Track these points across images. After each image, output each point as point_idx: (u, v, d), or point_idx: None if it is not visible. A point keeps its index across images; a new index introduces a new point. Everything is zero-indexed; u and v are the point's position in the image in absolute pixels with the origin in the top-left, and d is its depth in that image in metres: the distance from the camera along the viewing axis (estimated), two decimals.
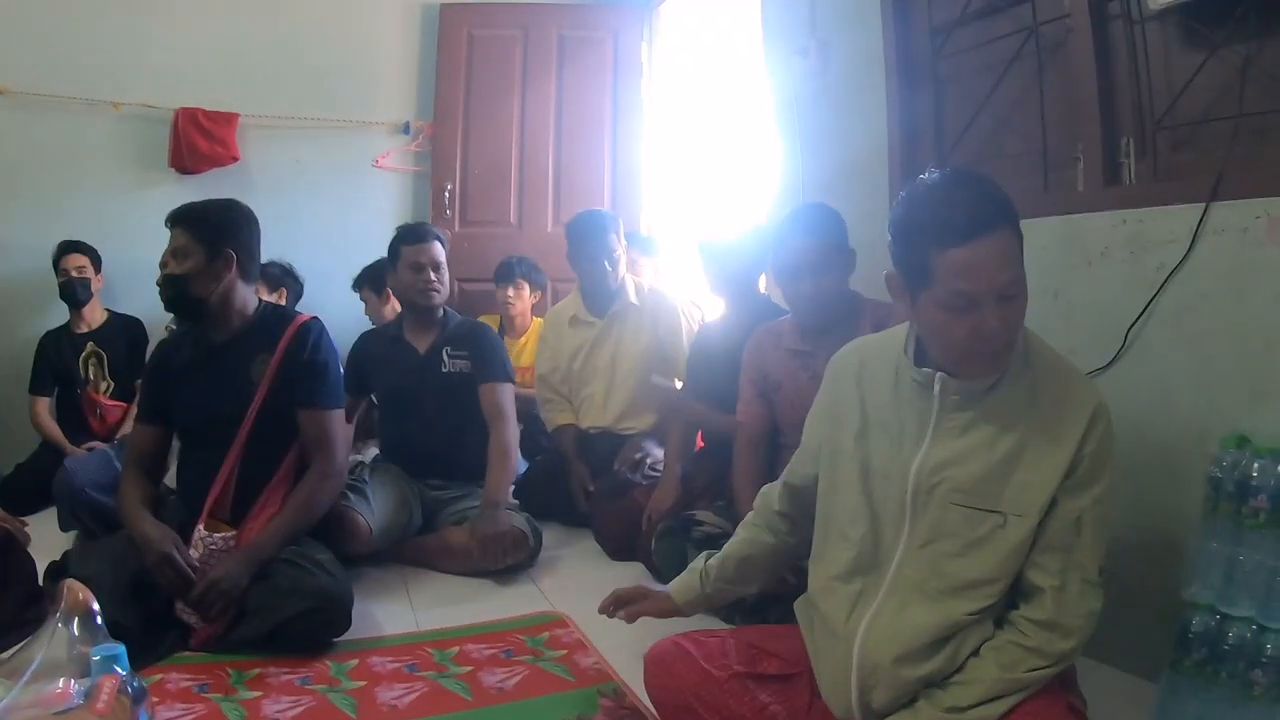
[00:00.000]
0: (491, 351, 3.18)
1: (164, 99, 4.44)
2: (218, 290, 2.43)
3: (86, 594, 1.15)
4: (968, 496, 1.39)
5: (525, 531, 2.85)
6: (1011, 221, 1.32)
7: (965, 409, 1.40)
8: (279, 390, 2.44)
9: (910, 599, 1.42)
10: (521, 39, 4.89)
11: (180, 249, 2.41)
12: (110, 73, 4.38)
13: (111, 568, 2.18)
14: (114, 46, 4.39)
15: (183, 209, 2.47)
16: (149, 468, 2.52)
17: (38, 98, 4.21)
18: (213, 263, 2.42)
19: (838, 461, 1.57)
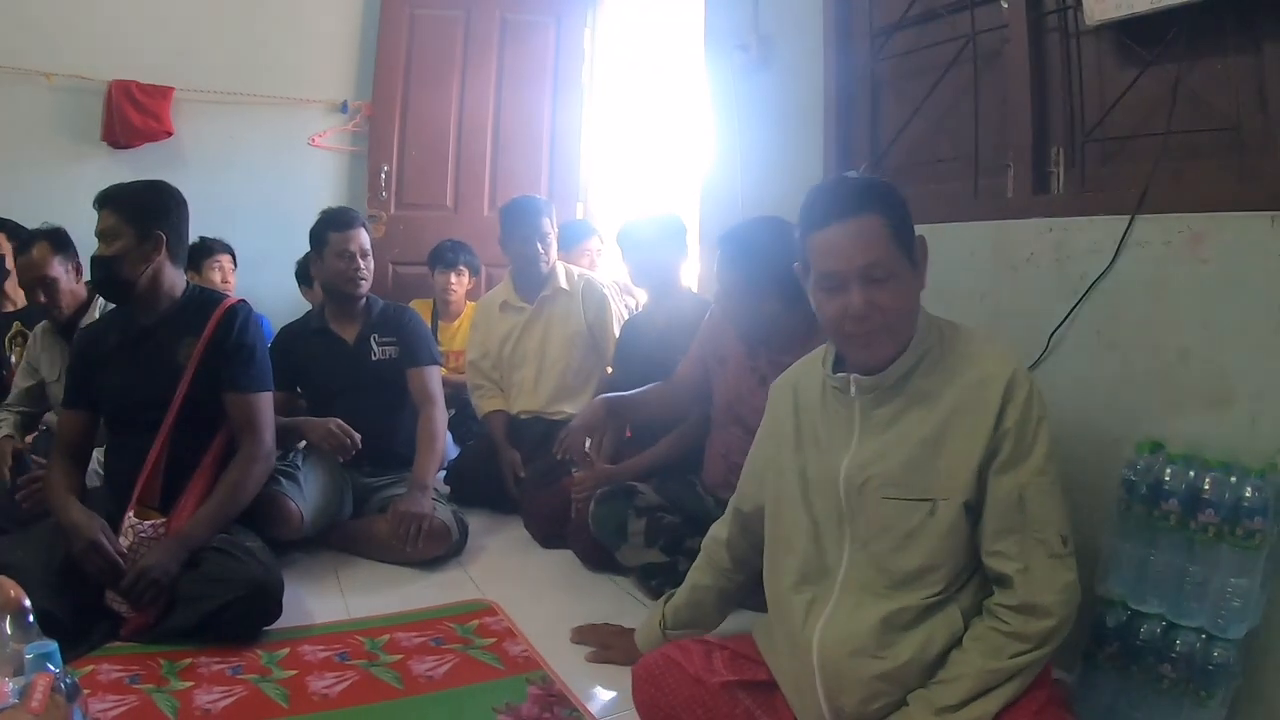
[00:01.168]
0: (418, 336, 3.19)
1: (98, 71, 4.35)
2: (146, 272, 2.43)
3: (19, 591, 1.17)
4: (897, 489, 1.43)
5: (448, 525, 2.85)
6: (880, 209, 1.41)
7: (885, 403, 1.45)
8: (206, 374, 2.43)
9: (861, 599, 1.45)
10: (463, 20, 4.87)
11: (109, 230, 2.40)
12: (42, 41, 4.26)
13: (39, 556, 2.18)
14: (47, 15, 4.27)
15: (110, 190, 2.46)
16: (76, 455, 2.50)
17: None
18: (142, 244, 2.41)
19: (781, 480, 1.61)
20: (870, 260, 1.39)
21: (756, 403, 2.44)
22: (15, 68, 4.21)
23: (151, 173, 3.64)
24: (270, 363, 2.63)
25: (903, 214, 1.44)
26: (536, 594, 2.66)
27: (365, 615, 2.45)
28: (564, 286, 3.54)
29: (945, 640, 1.41)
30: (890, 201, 1.43)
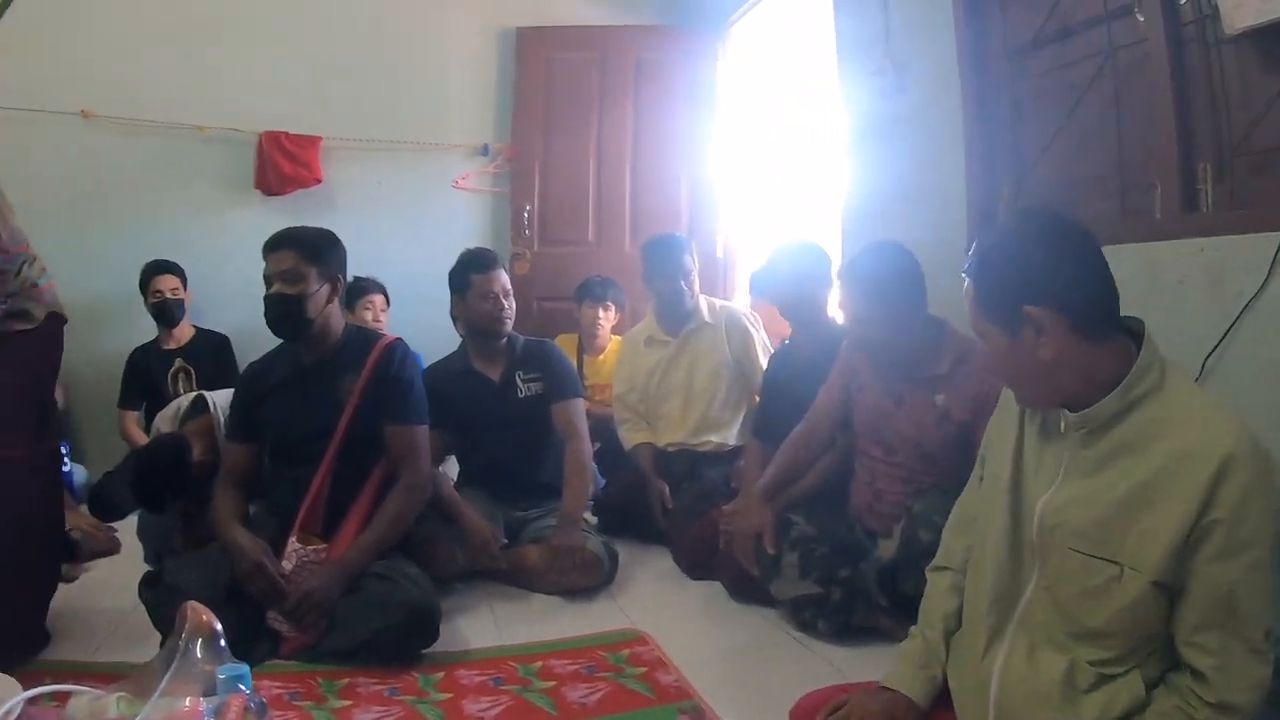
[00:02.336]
0: (562, 370, 3.24)
1: (248, 123, 4.59)
2: (323, 313, 2.54)
3: (210, 616, 1.20)
4: (1086, 543, 1.33)
5: (600, 556, 2.88)
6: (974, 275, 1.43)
7: (1094, 444, 1.36)
8: (366, 408, 2.53)
9: (1038, 641, 1.40)
10: (598, 61, 4.97)
11: (290, 271, 2.49)
12: (196, 98, 4.53)
13: (205, 577, 2.26)
14: (199, 73, 4.55)
15: (289, 233, 2.57)
16: (241, 484, 2.61)
17: (126, 122, 4.38)
18: (322, 286, 2.52)
19: (993, 487, 1.54)
20: (970, 322, 1.44)
21: (896, 425, 2.42)
22: (172, 123, 4.49)
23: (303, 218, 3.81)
24: (425, 398, 2.70)
25: (993, 286, 1.40)
26: (686, 624, 2.64)
27: (519, 642, 2.47)
28: (708, 320, 3.54)
29: (1126, 706, 1.32)
30: (986, 272, 1.41)
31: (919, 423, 2.36)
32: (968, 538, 1.63)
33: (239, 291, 3.71)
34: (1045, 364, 1.34)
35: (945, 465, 2.28)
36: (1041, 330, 1.33)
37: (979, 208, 2.87)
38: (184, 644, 1.20)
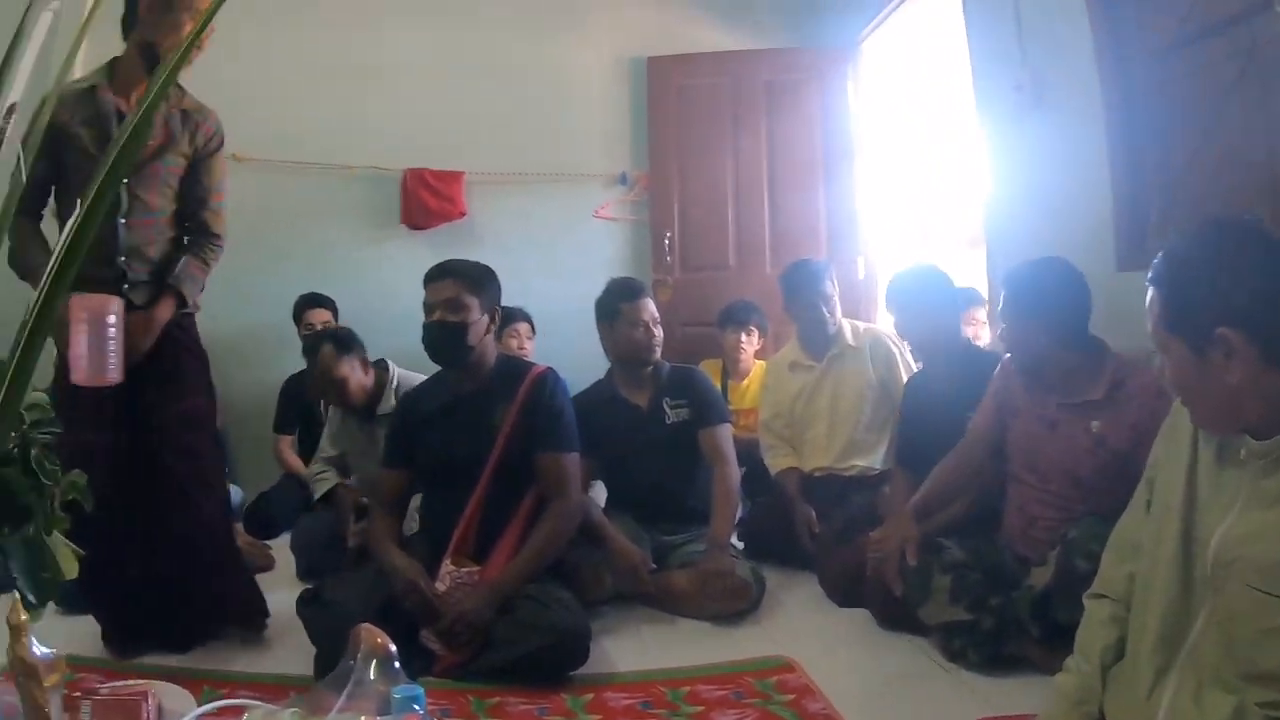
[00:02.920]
0: (709, 396, 3.26)
1: (392, 161, 4.79)
2: (481, 342, 2.63)
3: (384, 638, 1.24)
4: (1264, 580, 1.25)
5: (748, 581, 2.86)
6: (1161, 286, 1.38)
7: (1272, 474, 1.28)
8: (518, 435, 2.59)
9: (1205, 681, 1.33)
10: (728, 85, 4.98)
11: (451, 300, 2.59)
12: (342, 139, 4.74)
13: (362, 595, 2.37)
14: (345, 115, 4.77)
15: (452, 264, 2.68)
16: (396, 508, 2.73)
17: (277, 164, 4.59)
18: (482, 317, 2.62)
19: (1162, 513, 1.48)
20: (1149, 330, 1.39)
21: (1048, 452, 2.34)
22: (320, 163, 4.71)
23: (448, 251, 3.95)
24: (576, 427, 2.75)
25: (1184, 301, 1.33)
26: (833, 651, 2.59)
27: (667, 666, 2.47)
28: (851, 343, 3.51)
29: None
30: (1177, 285, 1.35)
31: (1072, 450, 2.28)
32: (1130, 564, 1.56)
33: (386, 323, 3.86)
34: (1230, 388, 1.28)
35: (1100, 493, 2.19)
36: (1231, 353, 1.27)
37: (1126, 222, 2.74)
38: (359, 664, 1.23)
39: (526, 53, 4.95)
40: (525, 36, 4.97)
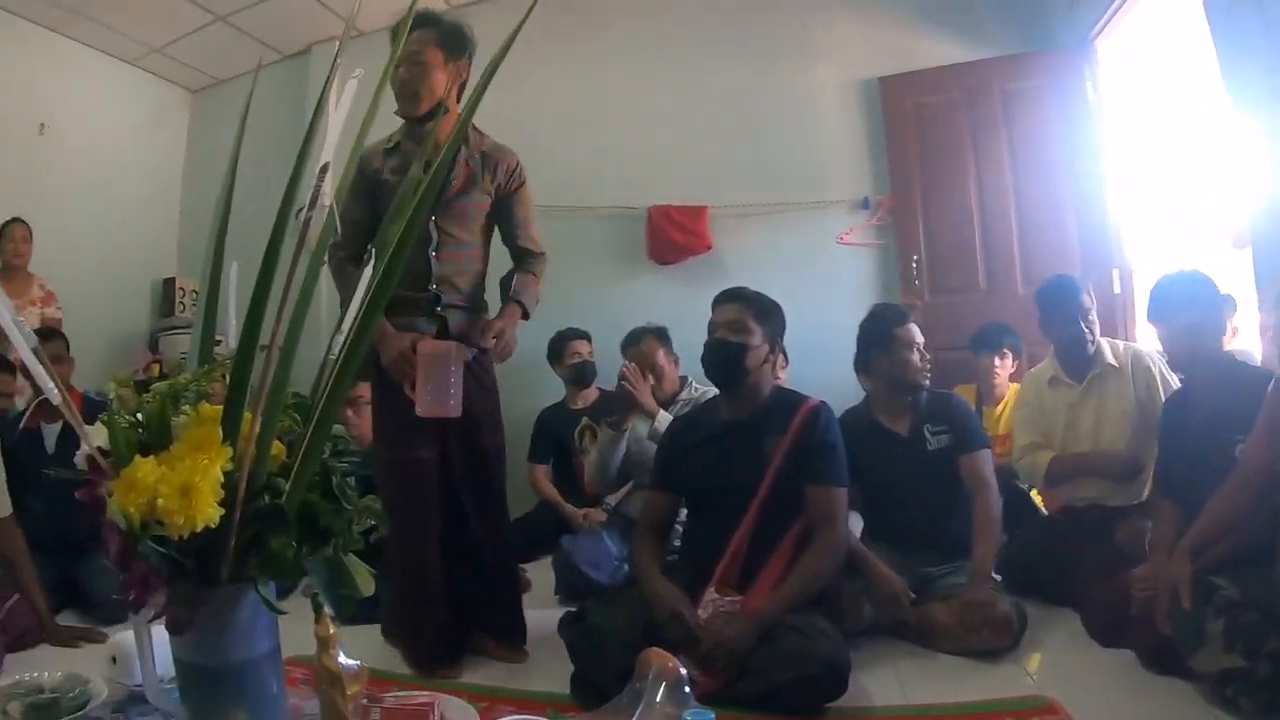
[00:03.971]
0: (969, 421, 3.16)
1: (636, 199, 4.96)
2: (759, 369, 2.68)
3: (675, 662, 1.27)
4: None
5: (1010, 615, 2.73)
6: None
7: None
8: (788, 467, 2.60)
9: None
10: (963, 100, 4.85)
11: (737, 322, 2.68)
12: (586, 181, 4.99)
13: (625, 618, 2.44)
14: (588, 158, 5.02)
15: (742, 289, 2.79)
16: (660, 531, 2.79)
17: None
18: (764, 345, 2.69)
19: None
20: None
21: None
22: (566, 206, 4.92)
23: (695, 284, 4.04)
24: (846, 461, 2.72)
25: None
26: (1095, 694, 2.42)
27: (924, 703, 2.40)
28: (1112, 363, 3.29)
29: None
30: None
31: None
32: None
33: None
34: None
35: None
36: None
37: None
38: (648, 686, 1.27)
39: (759, 84, 5.03)
40: (757, 68, 5.05)
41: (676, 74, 5.11)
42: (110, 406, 1.07)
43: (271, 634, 1.21)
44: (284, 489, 1.06)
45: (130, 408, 1.10)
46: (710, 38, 5.13)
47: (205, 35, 6.48)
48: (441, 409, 2.49)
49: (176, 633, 1.14)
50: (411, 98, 2.69)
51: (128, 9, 6.11)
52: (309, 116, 5.11)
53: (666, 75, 5.12)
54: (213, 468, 0.99)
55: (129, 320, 6.79)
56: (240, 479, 1.03)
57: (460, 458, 2.80)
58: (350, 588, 1.15)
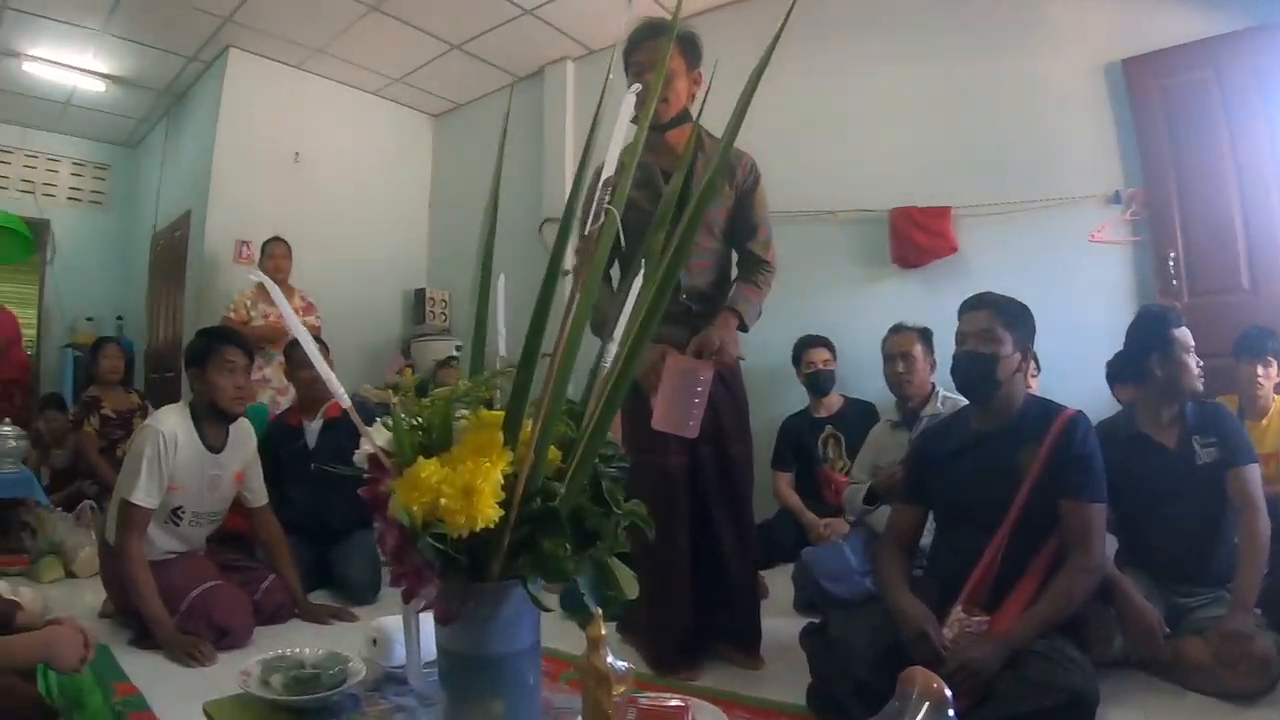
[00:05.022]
0: (1238, 433, 2.89)
1: (878, 202, 4.86)
2: (1010, 379, 2.55)
3: (940, 683, 1.22)
4: None
5: (1271, 654, 2.48)
6: None
7: None
8: (1044, 481, 2.45)
9: None
10: (1214, 79, 4.36)
11: (986, 331, 2.56)
12: (826, 184, 4.95)
13: (869, 633, 2.39)
14: (827, 161, 4.97)
15: (988, 295, 2.65)
16: (906, 546, 2.70)
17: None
18: (1014, 353, 2.55)
19: None
20: None
21: None
22: (808, 211, 4.91)
23: (940, 287, 3.89)
24: (1105, 475, 2.55)
25: None
26: None
27: None
28: None
29: None
30: None
31: None
32: None
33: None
34: None
35: None
36: None
37: None
38: (911, 706, 1.23)
39: (996, 75, 4.81)
40: (993, 59, 4.83)
41: (913, 70, 4.98)
42: (393, 410, 1.13)
43: (534, 629, 1.24)
44: (558, 492, 1.09)
45: (412, 411, 1.16)
46: (943, 30, 4.97)
47: (442, 64, 7.02)
48: (678, 427, 2.49)
49: (445, 623, 1.19)
50: (659, 103, 2.74)
51: (368, 45, 6.70)
52: (545, 135, 5.43)
53: (903, 72, 5.00)
54: (494, 471, 1.03)
55: (383, 328, 7.42)
56: (519, 482, 1.06)
57: (710, 464, 2.84)
58: (615, 589, 1.17)
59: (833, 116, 5.11)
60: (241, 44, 6.82)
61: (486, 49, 6.74)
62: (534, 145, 6.74)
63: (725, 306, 2.86)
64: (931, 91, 4.92)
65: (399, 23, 6.36)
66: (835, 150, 5.06)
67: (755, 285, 2.94)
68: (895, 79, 5.02)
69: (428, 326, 7.35)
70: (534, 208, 6.59)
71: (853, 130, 5.07)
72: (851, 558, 3.49)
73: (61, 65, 7.26)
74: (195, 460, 3.31)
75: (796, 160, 4.88)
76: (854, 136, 5.07)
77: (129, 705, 2.44)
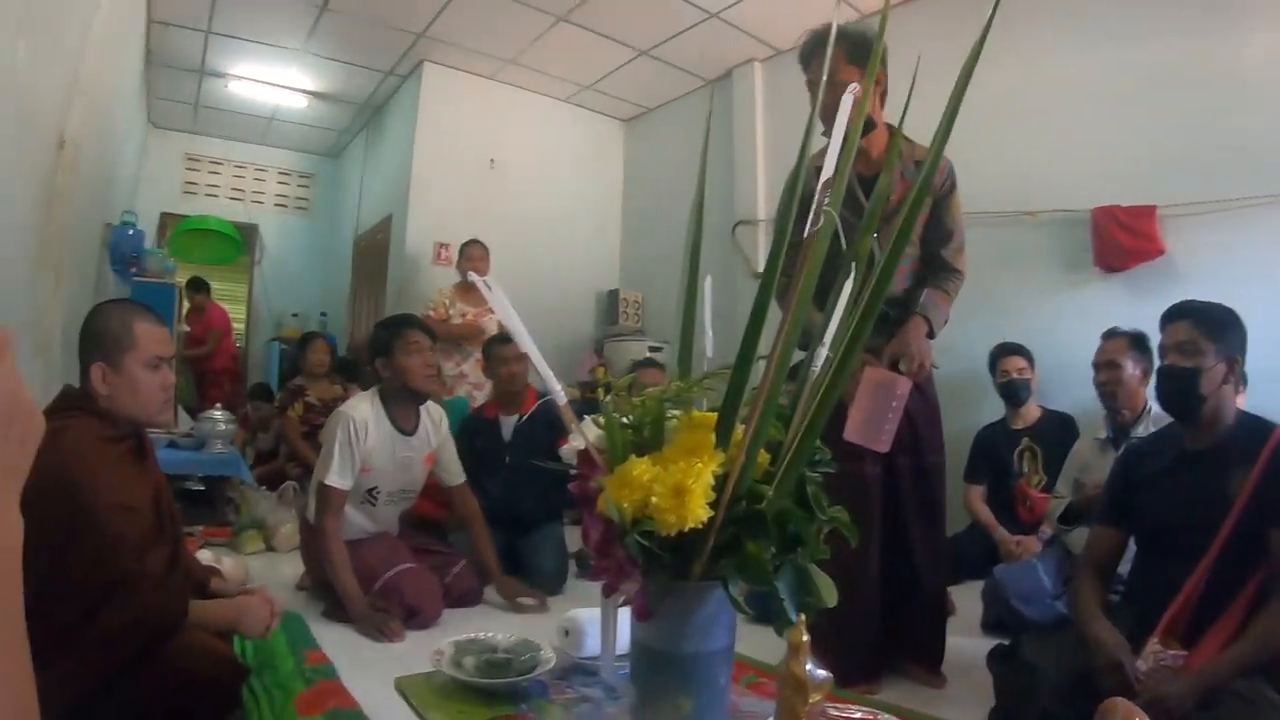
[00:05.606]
0: None
1: (1079, 201, 4.61)
2: (1216, 393, 2.38)
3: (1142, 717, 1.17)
4: None
5: None
6: None
7: None
8: (1255, 506, 2.24)
9: None
10: None
11: (1186, 344, 2.39)
12: (1022, 184, 4.73)
13: (1060, 660, 2.27)
14: (1022, 159, 4.75)
15: (1189, 304, 2.47)
16: (1103, 570, 2.54)
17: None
18: (1217, 364, 2.37)
19: None
20: None
21: None
22: (1003, 212, 4.72)
23: (1147, 292, 3.65)
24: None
25: None
26: None
27: None
28: None
29: None
30: None
31: None
32: None
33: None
34: None
35: None
36: None
37: None
38: None
39: (1208, 59, 4.40)
40: (1203, 41, 4.43)
41: (1115, 54, 4.65)
42: (605, 409, 1.16)
43: (729, 631, 1.25)
44: (765, 495, 1.09)
45: (623, 411, 1.19)
46: (1147, 8, 4.62)
47: (631, 69, 7.17)
48: (870, 440, 2.44)
49: (643, 619, 1.21)
50: (833, 120, 2.69)
51: (557, 54, 6.93)
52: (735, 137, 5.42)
53: (1103, 57, 4.68)
54: (705, 472, 1.04)
55: (576, 328, 7.66)
56: (729, 484, 1.07)
57: (906, 474, 2.78)
58: (814, 596, 1.16)
59: (1026, 110, 4.87)
60: (435, 58, 7.21)
61: (674, 54, 6.82)
62: (724, 148, 6.78)
63: (915, 312, 2.79)
64: (1136, 77, 4.58)
65: (587, 31, 6.53)
66: (1031, 146, 4.82)
67: (945, 293, 2.87)
68: (1094, 65, 4.71)
69: (621, 327, 7.54)
70: (726, 210, 6.62)
71: (1049, 124, 4.81)
72: (1044, 578, 3.33)
73: (265, 84, 7.93)
74: (387, 443, 3.48)
75: (990, 158, 4.65)
76: (1050, 131, 4.81)
77: (319, 672, 2.58)
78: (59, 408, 2.13)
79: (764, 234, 6.43)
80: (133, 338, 2.18)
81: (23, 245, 3.41)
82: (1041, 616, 3.21)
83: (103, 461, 2.06)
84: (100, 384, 2.15)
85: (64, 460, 1.94)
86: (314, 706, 2.27)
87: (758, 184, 6.60)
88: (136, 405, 2.19)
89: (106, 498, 1.99)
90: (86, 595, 1.93)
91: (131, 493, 2.12)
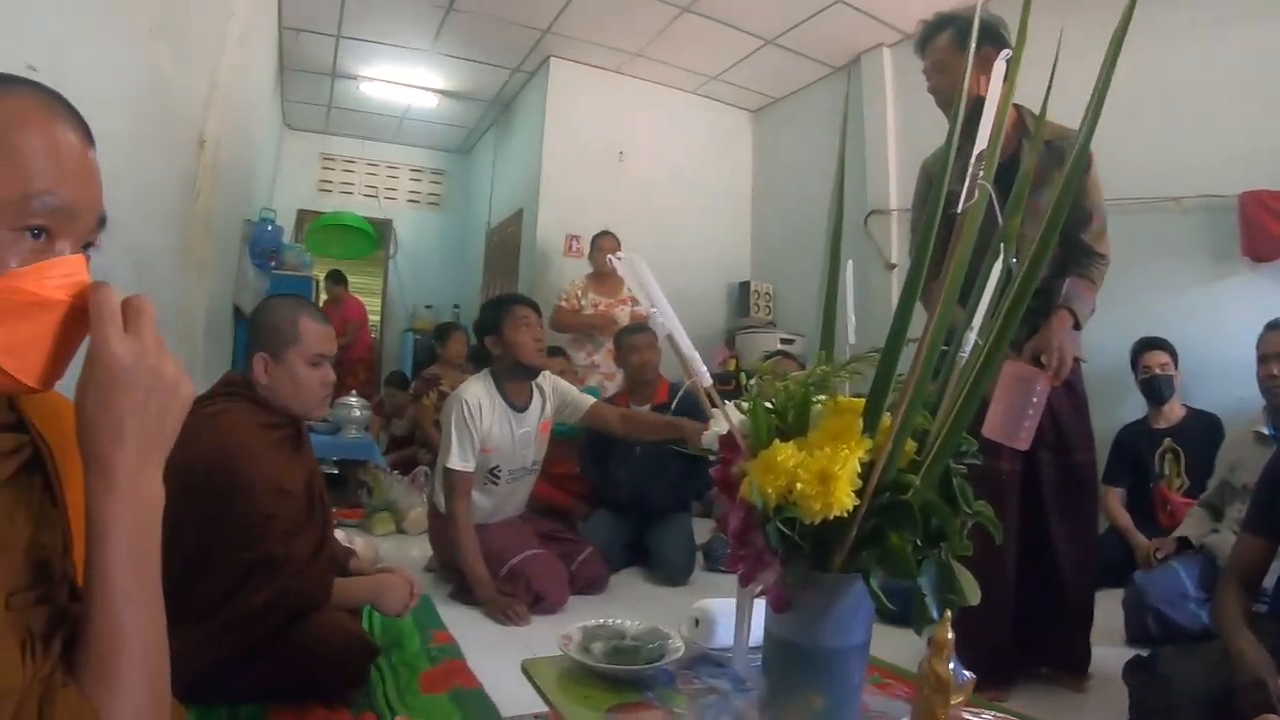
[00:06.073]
0: None
1: (1225, 186, 4.38)
2: None
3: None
4: None
5: None
6: None
7: None
8: None
9: None
10: None
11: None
12: (1162, 169, 4.51)
13: (1200, 674, 2.17)
14: (1163, 142, 4.54)
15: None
16: (1249, 580, 2.40)
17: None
18: None
19: None
20: None
21: None
22: (1143, 198, 4.50)
23: None
24: None
25: None
26: None
27: None
28: None
29: None
30: None
31: None
32: None
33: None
34: None
35: None
36: None
37: None
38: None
39: None
40: None
41: (1261, 29, 4.38)
42: (751, 393, 1.15)
43: (866, 627, 1.22)
44: (911, 485, 1.06)
45: (768, 395, 1.17)
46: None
47: (757, 59, 7.11)
48: (1009, 437, 2.36)
49: (780, 610, 1.19)
50: (948, 106, 2.61)
51: (683, 46, 6.91)
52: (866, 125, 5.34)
53: (1249, 32, 4.41)
54: (851, 458, 1.02)
55: (706, 320, 7.68)
56: (875, 472, 1.05)
57: (1050, 472, 2.67)
58: (957, 593, 1.13)
59: (1168, 89, 4.60)
60: (561, 53, 7.33)
61: (800, 41, 6.73)
62: (855, 136, 6.64)
63: (1060, 305, 2.67)
64: None
65: (712, 22, 6.51)
66: (1174, 129, 4.57)
67: (1090, 280, 2.72)
68: (1241, 42, 4.44)
69: (752, 319, 7.52)
70: (859, 199, 6.51)
71: (1192, 105, 4.55)
72: (1187, 582, 3.17)
73: (396, 84, 8.19)
74: (503, 421, 3.56)
75: (1130, 142, 4.42)
76: (1194, 113, 4.55)
77: (445, 652, 2.66)
78: (219, 392, 2.24)
79: (897, 224, 6.30)
80: (298, 333, 2.27)
81: (167, 238, 3.59)
82: (1187, 622, 3.08)
83: (260, 445, 2.15)
84: (261, 374, 2.24)
85: (224, 442, 2.04)
86: (438, 684, 2.34)
87: (889, 173, 6.46)
88: (295, 398, 2.28)
89: (262, 481, 2.08)
90: (229, 573, 2.03)
91: (287, 476, 2.22)
